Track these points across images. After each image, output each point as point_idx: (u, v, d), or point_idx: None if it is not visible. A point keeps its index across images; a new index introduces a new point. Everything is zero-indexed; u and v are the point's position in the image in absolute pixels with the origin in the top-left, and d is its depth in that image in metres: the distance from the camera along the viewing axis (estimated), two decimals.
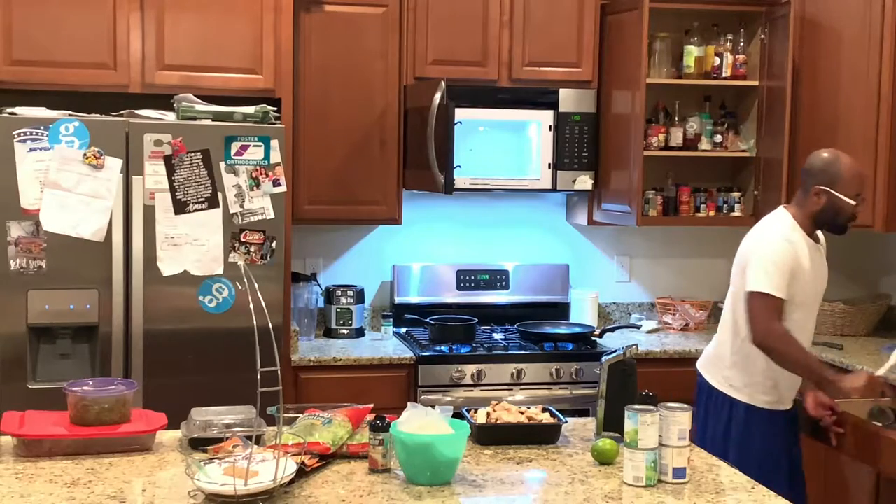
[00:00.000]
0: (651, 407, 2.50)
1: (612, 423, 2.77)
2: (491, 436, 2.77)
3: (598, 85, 4.54)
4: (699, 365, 3.61)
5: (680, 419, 2.49)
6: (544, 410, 2.90)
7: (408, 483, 2.45)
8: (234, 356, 3.64)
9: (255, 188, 3.72)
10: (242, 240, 3.73)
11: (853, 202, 3.37)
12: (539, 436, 2.79)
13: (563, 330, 4.51)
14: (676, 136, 4.69)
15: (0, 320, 3.55)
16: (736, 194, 4.78)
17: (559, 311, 4.77)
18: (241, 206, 3.72)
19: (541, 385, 4.21)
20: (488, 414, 2.83)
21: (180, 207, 3.66)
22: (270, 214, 3.75)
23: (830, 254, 5.15)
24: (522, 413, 2.85)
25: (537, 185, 4.49)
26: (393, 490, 2.41)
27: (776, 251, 3.33)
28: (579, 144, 4.50)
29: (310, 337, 4.43)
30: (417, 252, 4.77)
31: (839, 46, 4.39)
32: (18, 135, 3.52)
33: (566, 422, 2.87)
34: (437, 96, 4.03)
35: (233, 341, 3.65)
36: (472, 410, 2.87)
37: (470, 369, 4.16)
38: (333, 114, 4.30)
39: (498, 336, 4.51)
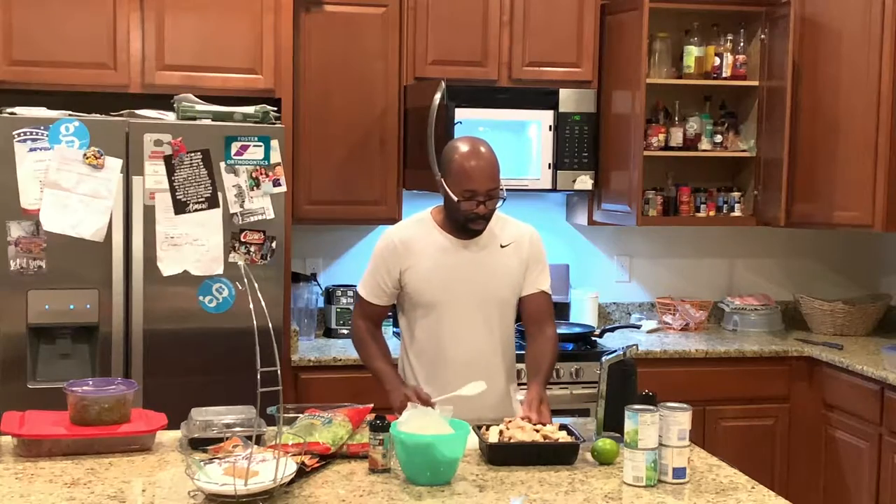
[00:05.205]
0: (651, 407, 2.50)
1: (612, 423, 2.76)
2: (503, 456, 2.60)
3: (598, 85, 4.54)
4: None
5: (680, 419, 2.48)
6: (561, 428, 2.71)
7: (408, 483, 2.45)
8: (234, 356, 3.64)
9: (255, 188, 3.72)
10: (242, 240, 3.73)
11: (456, 198, 2.93)
12: (555, 456, 2.61)
13: (563, 330, 4.49)
14: (676, 136, 4.69)
15: (0, 320, 3.55)
16: (736, 194, 4.78)
17: (559, 311, 4.71)
18: (241, 206, 3.72)
19: None
20: (501, 432, 2.66)
21: (180, 207, 3.66)
22: (270, 214, 3.75)
23: (829, 253, 5.19)
24: (538, 431, 2.67)
25: (537, 185, 4.49)
26: (393, 490, 2.41)
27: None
28: (579, 144, 4.50)
29: (310, 337, 4.42)
30: None
31: (839, 46, 4.39)
32: (18, 135, 3.52)
33: (584, 440, 2.67)
34: (437, 96, 4.02)
35: (233, 341, 3.65)
36: (484, 428, 2.70)
37: None
38: (333, 114, 4.29)
39: None
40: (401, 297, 3.08)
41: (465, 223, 2.98)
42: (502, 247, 3.07)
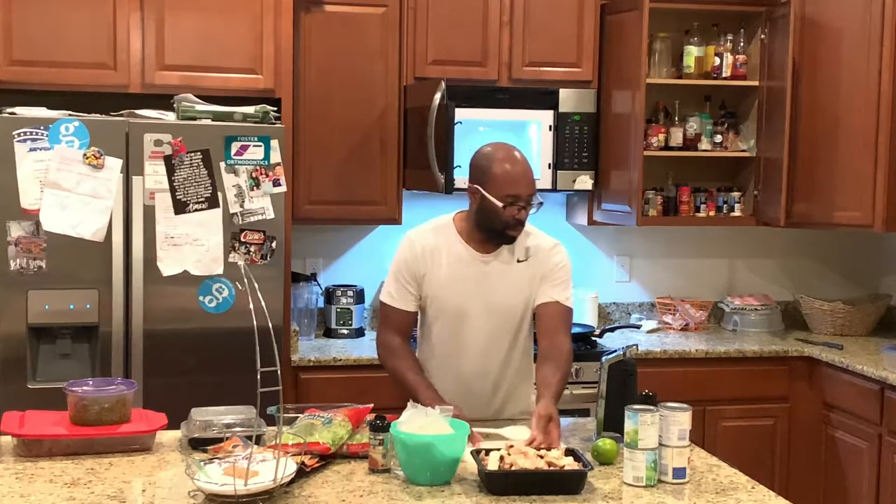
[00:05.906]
0: (651, 407, 2.50)
1: (612, 423, 2.76)
2: (503, 485, 2.40)
3: (598, 85, 4.54)
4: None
5: (680, 419, 2.48)
6: (568, 453, 2.52)
7: (408, 483, 2.45)
8: (234, 356, 3.64)
9: (255, 188, 3.72)
10: (242, 240, 3.73)
11: (501, 204, 2.87)
12: (560, 486, 2.42)
13: None
14: (676, 136, 4.69)
15: (0, 320, 3.55)
16: (736, 194, 4.78)
17: None
18: (241, 206, 3.72)
19: None
20: (502, 458, 2.46)
21: (180, 207, 3.66)
22: (270, 214, 3.75)
23: (829, 253, 5.19)
24: (542, 457, 2.47)
25: (537, 185, 4.46)
26: (393, 490, 2.41)
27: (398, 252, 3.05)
28: (579, 144, 4.50)
29: (310, 337, 4.42)
30: None
31: (839, 46, 4.39)
32: (18, 135, 3.52)
33: (591, 468, 2.46)
34: (437, 96, 4.02)
35: (233, 341, 3.65)
36: (483, 452, 2.51)
37: None
38: (333, 114, 4.29)
39: None
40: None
41: (503, 230, 2.91)
42: (519, 261, 3.01)
